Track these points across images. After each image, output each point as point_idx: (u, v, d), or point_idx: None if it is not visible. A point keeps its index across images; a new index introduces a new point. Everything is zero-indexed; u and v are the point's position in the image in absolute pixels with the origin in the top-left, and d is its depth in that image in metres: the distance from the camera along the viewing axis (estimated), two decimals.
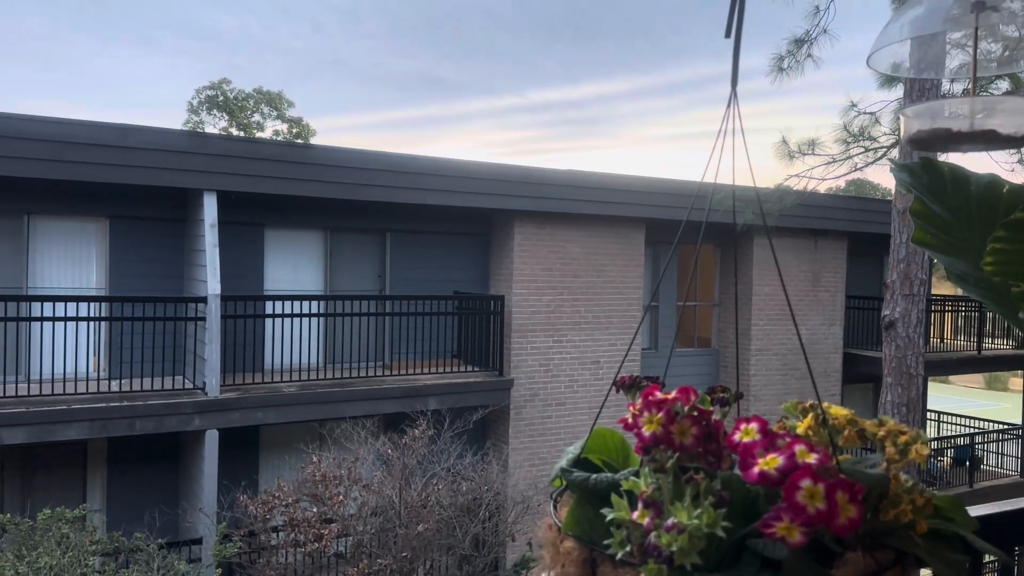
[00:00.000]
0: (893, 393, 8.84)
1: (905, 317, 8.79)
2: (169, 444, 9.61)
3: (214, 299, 8.72)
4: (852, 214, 14.28)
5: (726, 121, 0.97)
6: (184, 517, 9.29)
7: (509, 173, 11.11)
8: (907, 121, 1.33)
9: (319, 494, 8.13)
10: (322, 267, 10.83)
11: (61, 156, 8.41)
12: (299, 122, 33.19)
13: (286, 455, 10.16)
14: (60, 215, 9.39)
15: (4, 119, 8.27)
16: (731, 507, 0.72)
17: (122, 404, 8.30)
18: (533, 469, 10.99)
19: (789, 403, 0.99)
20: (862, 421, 0.89)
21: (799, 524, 0.67)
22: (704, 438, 0.79)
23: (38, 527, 7.18)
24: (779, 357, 13.58)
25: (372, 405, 9.68)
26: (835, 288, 14.30)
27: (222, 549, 7.77)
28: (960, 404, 26.74)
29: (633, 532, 0.74)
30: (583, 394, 11.81)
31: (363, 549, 8.21)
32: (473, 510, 8.75)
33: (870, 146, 11.02)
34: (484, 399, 10.48)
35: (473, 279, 11.69)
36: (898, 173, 1.34)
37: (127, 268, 9.61)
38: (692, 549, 0.69)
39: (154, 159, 8.88)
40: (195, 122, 31.80)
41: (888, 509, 0.82)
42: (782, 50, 10.32)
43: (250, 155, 9.61)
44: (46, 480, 9.22)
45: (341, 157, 10.03)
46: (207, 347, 8.76)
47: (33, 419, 7.85)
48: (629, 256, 12.21)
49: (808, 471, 0.68)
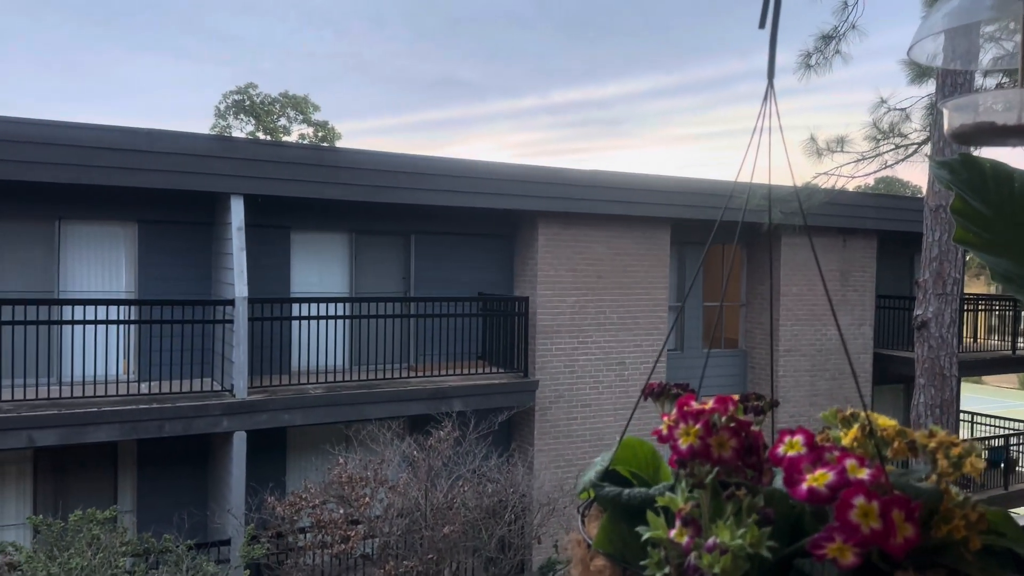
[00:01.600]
0: (926, 394, 8.67)
1: (938, 317, 8.62)
2: (198, 446, 9.68)
3: (241, 302, 8.77)
4: (882, 212, 14.05)
5: (762, 117, 0.93)
6: (212, 518, 9.36)
7: (533, 174, 11.07)
8: (949, 115, 1.27)
9: (345, 495, 8.15)
10: (347, 269, 10.86)
11: (90, 161, 8.50)
12: (324, 126, 33.42)
13: (313, 456, 10.20)
14: (90, 219, 9.50)
15: (34, 125, 8.39)
16: (776, 525, 0.68)
17: (151, 406, 8.38)
18: (558, 471, 10.94)
19: (828, 412, 0.94)
20: (911, 432, 0.84)
21: (852, 544, 0.62)
22: (744, 451, 0.74)
23: (70, 528, 7.26)
24: (807, 358, 13.40)
25: (397, 407, 9.69)
26: (864, 287, 14.08)
27: (250, 550, 7.82)
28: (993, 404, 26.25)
29: (671, 552, 0.70)
30: (608, 395, 11.73)
31: (389, 550, 8.22)
32: (499, 512, 8.72)
33: (900, 143, 10.84)
34: (509, 401, 10.45)
35: (497, 280, 11.67)
36: (937, 170, 1.29)
37: (156, 271, 9.71)
38: (736, 571, 0.65)
39: (182, 163, 8.96)
40: (222, 127, 32.14)
41: (940, 525, 0.77)
42: (810, 47, 10.18)
43: (276, 159, 9.66)
44: (77, 482, 9.34)
45: (366, 160, 10.05)
46: (235, 349, 8.82)
47: (64, 421, 7.94)
48: (655, 256, 12.11)
49: (861, 488, 0.63)
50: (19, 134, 8.23)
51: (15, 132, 8.22)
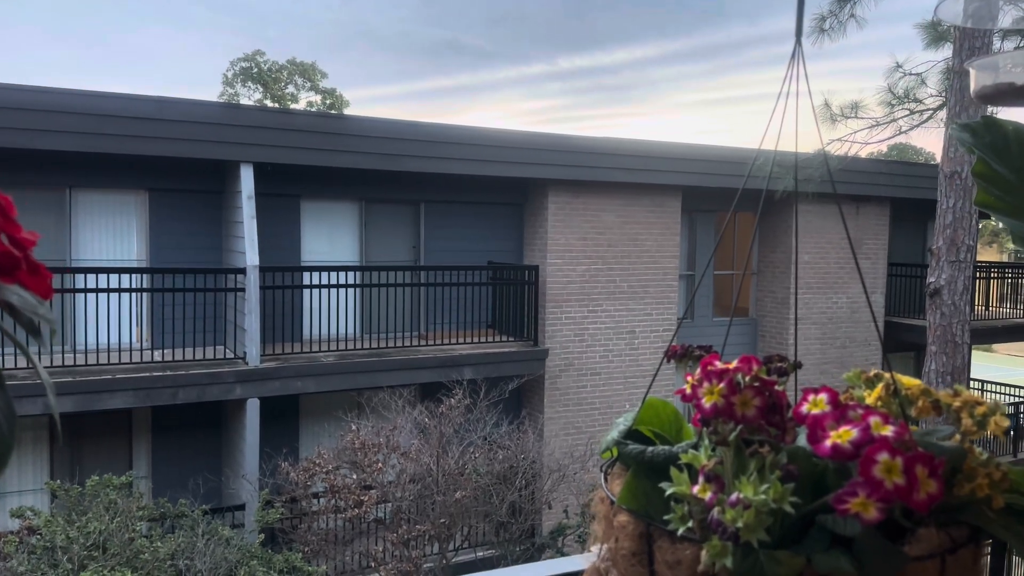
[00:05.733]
0: (937, 362, 8.66)
1: (951, 284, 8.57)
2: (211, 413, 9.79)
3: (252, 270, 8.81)
4: (895, 179, 13.92)
5: (788, 79, 0.91)
6: (227, 484, 9.50)
7: (543, 142, 11.00)
8: (976, 74, 1.25)
9: (358, 461, 8.25)
10: (357, 238, 10.87)
11: (100, 129, 8.50)
12: (332, 93, 33.21)
13: (325, 423, 10.31)
14: (101, 188, 9.52)
15: (44, 93, 8.37)
16: (798, 482, 0.68)
17: (165, 374, 8.46)
18: (568, 438, 11.02)
19: (852, 372, 0.94)
20: (936, 392, 0.85)
21: (876, 500, 0.63)
22: (767, 409, 0.75)
23: (87, 493, 7.39)
24: (818, 326, 13.38)
25: (408, 375, 9.75)
26: (877, 255, 14.01)
27: (265, 515, 7.94)
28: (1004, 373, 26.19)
29: (694, 507, 0.71)
30: (618, 364, 11.76)
31: (402, 515, 8.33)
32: (509, 478, 8.81)
33: (915, 108, 10.69)
34: (519, 369, 10.49)
35: (507, 249, 11.65)
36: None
37: (167, 240, 9.74)
38: (759, 525, 0.65)
39: (191, 131, 8.94)
40: (230, 94, 31.99)
41: (963, 483, 0.78)
42: (824, 10, 10.01)
43: (285, 126, 9.63)
44: (94, 448, 9.47)
45: (375, 128, 10.00)
46: (247, 317, 8.87)
47: (80, 388, 8.04)
48: (665, 225, 12.06)
49: (885, 444, 0.64)
50: (29, 102, 8.22)
51: (25, 100, 8.22)
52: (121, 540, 6.92)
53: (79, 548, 6.72)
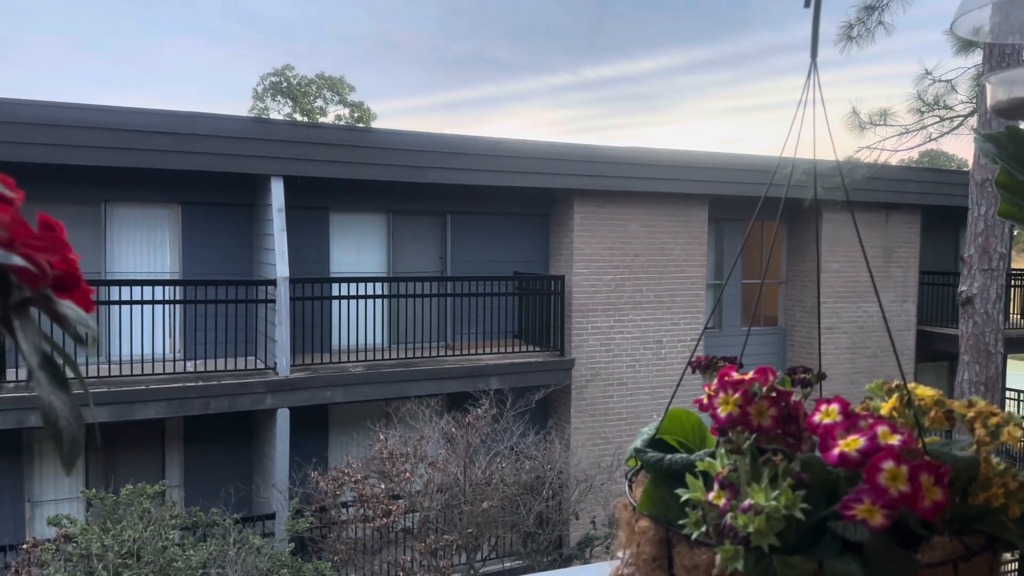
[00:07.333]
0: (970, 371, 8.52)
1: (983, 293, 8.45)
2: (242, 422, 9.92)
3: (283, 282, 8.93)
4: (926, 186, 13.76)
5: (806, 92, 0.94)
6: (258, 493, 9.61)
7: (568, 152, 11.04)
8: (991, 89, 1.27)
9: (386, 471, 8.31)
10: (385, 249, 10.97)
11: (134, 144, 8.69)
12: (360, 106, 33.57)
13: (354, 433, 10.39)
14: (135, 202, 9.72)
15: (80, 110, 8.59)
16: (812, 489, 0.71)
17: (197, 384, 8.60)
18: (595, 449, 10.99)
19: (875, 383, 0.96)
20: (950, 402, 0.86)
21: (881, 506, 0.65)
22: (783, 419, 0.77)
23: (121, 502, 7.51)
24: (848, 336, 13.23)
25: (436, 385, 9.81)
26: (908, 263, 13.83)
27: (295, 524, 8.02)
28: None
29: (709, 513, 0.73)
30: (645, 374, 11.72)
31: (430, 525, 8.36)
32: (536, 488, 8.81)
33: (945, 115, 10.57)
34: (545, 379, 10.51)
35: (533, 259, 11.69)
36: (982, 143, 1.28)
37: (199, 253, 9.91)
38: (769, 530, 0.68)
39: (223, 146, 9.11)
40: (260, 108, 32.47)
41: (978, 493, 0.79)
42: (851, 18, 9.94)
43: (315, 140, 9.77)
44: (127, 457, 9.63)
45: (402, 140, 10.11)
46: (277, 328, 8.99)
47: (114, 399, 8.19)
48: (691, 234, 12.02)
49: (890, 452, 0.66)
50: (66, 119, 8.43)
51: (62, 117, 8.43)
52: (154, 548, 7.03)
53: (114, 556, 6.84)
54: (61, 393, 0.49)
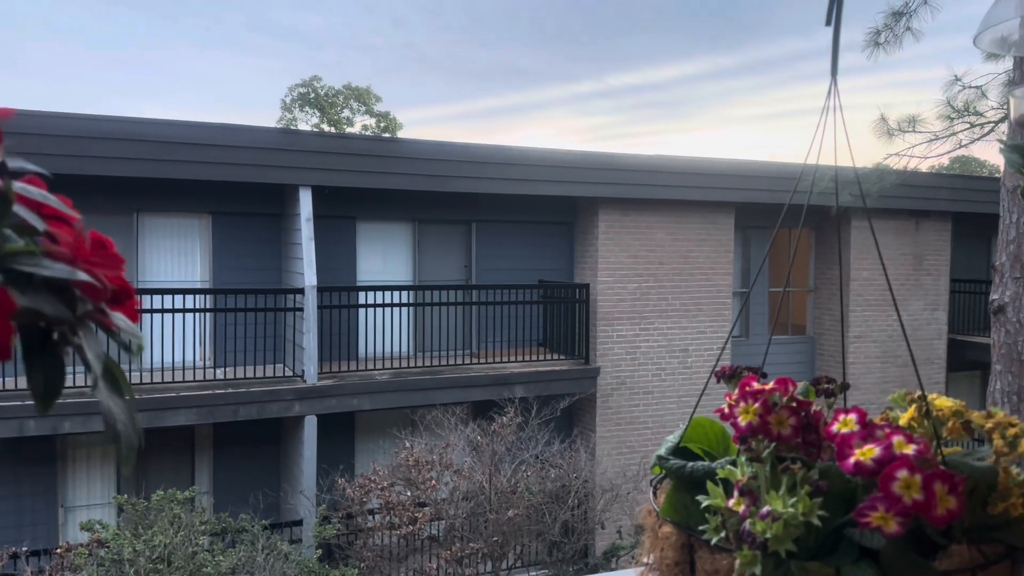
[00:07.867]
0: (1002, 381, 8.38)
1: (1016, 301, 8.31)
2: (271, 429, 10.03)
3: (311, 290, 9.03)
4: (957, 193, 13.58)
5: (826, 112, 0.97)
6: (286, 499, 9.70)
7: (593, 160, 11.06)
8: (1015, 103, 1.28)
9: (412, 478, 8.35)
10: (411, 257, 11.05)
11: (165, 156, 8.86)
12: (386, 116, 33.85)
13: (380, 440, 10.46)
14: (166, 212, 9.89)
15: (112, 122, 8.77)
16: (830, 497, 0.73)
17: (227, 391, 8.71)
18: (621, 457, 10.96)
19: (897, 394, 0.98)
20: (968, 412, 0.88)
21: (895, 514, 0.67)
22: (803, 429, 0.79)
23: (152, 507, 7.63)
24: (878, 344, 13.07)
25: (461, 392, 9.85)
26: (938, 271, 13.65)
27: (322, 530, 8.08)
28: None
29: (728, 519, 0.75)
30: (671, 382, 11.67)
31: (455, 532, 8.39)
32: (562, 497, 8.80)
33: (976, 121, 10.44)
34: (570, 387, 10.50)
35: (558, 267, 11.71)
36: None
37: (229, 261, 10.06)
38: (787, 537, 0.70)
39: (252, 157, 9.25)
40: (288, 119, 32.86)
41: (997, 502, 0.81)
42: (879, 23, 9.87)
43: (342, 151, 9.89)
44: (158, 463, 9.77)
45: (428, 150, 10.20)
46: (305, 336, 9.10)
47: (145, 406, 8.32)
48: (717, 241, 11.97)
49: (905, 461, 0.68)
50: (98, 130, 8.62)
51: (95, 128, 8.62)
52: (185, 554, 7.13)
53: (145, 561, 6.95)
54: (119, 399, 0.52)
